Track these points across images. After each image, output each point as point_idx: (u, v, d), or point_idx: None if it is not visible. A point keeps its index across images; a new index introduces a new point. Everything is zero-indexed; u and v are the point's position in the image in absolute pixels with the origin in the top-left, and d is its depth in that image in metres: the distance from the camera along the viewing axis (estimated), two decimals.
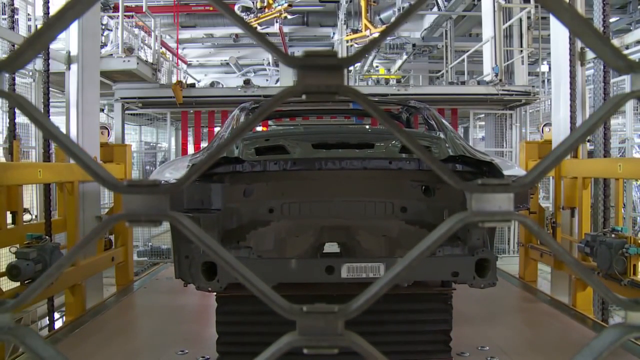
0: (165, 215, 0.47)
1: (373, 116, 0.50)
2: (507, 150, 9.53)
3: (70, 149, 0.53)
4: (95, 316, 4.45)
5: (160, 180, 0.50)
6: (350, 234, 3.12)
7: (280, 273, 2.60)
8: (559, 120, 5.98)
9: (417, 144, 0.52)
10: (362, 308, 0.46)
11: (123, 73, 8.35)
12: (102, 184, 0.49)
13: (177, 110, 9.47)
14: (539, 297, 5.06)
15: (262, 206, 3.00)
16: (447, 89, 9.80)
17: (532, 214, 5.82)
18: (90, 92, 5.87)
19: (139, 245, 9.35)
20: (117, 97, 8.87)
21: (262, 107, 0.45)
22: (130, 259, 6.28)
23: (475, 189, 0.48)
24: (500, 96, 8.90)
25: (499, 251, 9.20)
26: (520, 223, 0.52)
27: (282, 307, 0.46)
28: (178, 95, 8.64)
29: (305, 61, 0.45)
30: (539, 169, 0.55)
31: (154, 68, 9.07)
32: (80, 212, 5.21)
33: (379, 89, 10.01)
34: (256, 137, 2.89)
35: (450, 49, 12.65)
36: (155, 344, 3.70)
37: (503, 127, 9.59)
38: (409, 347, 3.05)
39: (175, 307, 4.70)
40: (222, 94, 9.65)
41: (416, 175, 2.95)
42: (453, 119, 9.83)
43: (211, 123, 9.76)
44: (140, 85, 8.93)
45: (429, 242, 0.47)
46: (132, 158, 6.89)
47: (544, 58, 12.63)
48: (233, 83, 12.35)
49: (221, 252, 0.48)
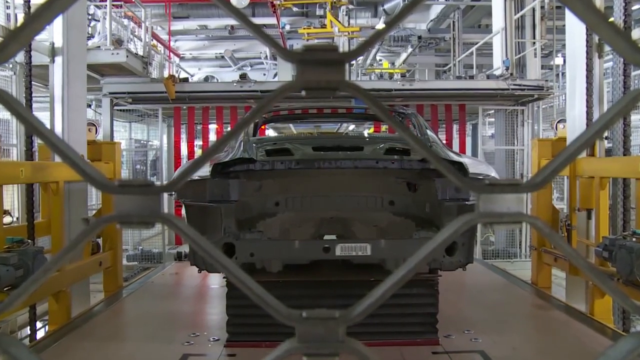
0: (158, 216, 0.48)
1: (375, 113, 0.50)
2: (519, 148, 9.54)
3: (57, 146, 0.53)
4: (81, 324, 4.47)
5: (152, 180, 0.50)
6: (346, 224, 3.77)
7: (286, 252, 3.30)
8: (574, 117, 5.95)
9: (422, 143, 0.53)
10: (365, 313, 0.46)
11: (111, 66, 8.35)
12: (92, 183, 0.50)
13: (169, 106, 9.47)
14: (553, 304, 5.06)
15: (270, 200, 3.71)
16: (455, 83, 9.82)
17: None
18: (77, 86, 5.86)
19: (128, 249, 9.37)
20: (105, 92, 8.89)
21: (259, 104, 0.46)
22: (119, 263, 6.29)
23: (482, 189, 0.49)
24: (511, 91, 8.91)
25: (510, 255, 9.21)
26: (531, 225, 0.52)
27: (280, 312, 0.47)
28: (170, 90, 8.66)
29: (304, 55, 0.45)
30: (551, 167, 0.55)
31: (144, 61, 9.08)
32: (66, 213, 5.20)
33: (383, 83, 10.03)
34: (266, 141, 3.85)
35: (458, 41, 12.67)
36: (152, 349, 3.74)
37: (514, 123, 9.60)
38: (399, 327, 3.72)
39: (170, 313, 4.73)
40: (216, 88, 9.67)
41: (400, 173, 3.68)
42: (461, 116, 9.85)
43: (205, 119, 9.78)
44: (130, 79, 8.95)
45: (434, 244, 0.48)
46: (121, 157, 6.91)
47: (559, 50, 12.63)
48: (228, 77, 12.36)
49: (217, 255, 0.48)
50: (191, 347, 3.81)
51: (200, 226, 3.38)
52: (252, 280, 0.48)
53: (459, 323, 4.25)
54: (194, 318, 4.73)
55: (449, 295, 5.25)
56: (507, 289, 5.71)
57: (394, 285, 0.45)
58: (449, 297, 5.16)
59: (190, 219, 3.41)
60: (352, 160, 3.47)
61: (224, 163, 3.35)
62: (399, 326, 3.72)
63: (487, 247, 9.72)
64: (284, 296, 3.32)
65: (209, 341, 3.91)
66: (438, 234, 0.47)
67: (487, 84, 9.21)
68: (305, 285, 3.72)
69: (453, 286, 5.87)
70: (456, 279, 6.60)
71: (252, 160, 3.38)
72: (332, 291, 3.66)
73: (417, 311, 3.74)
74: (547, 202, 6.28)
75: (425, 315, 3.76)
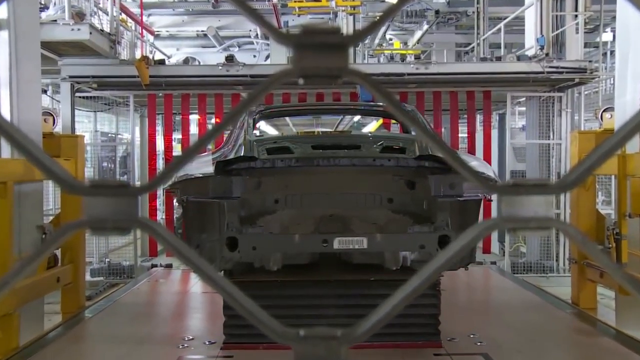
0: (136, 221, 0.50)
1: (385, 104, 0.52)
2: (555, 143, 9.53)
3: (14, 138, 0.55)
4: (32, 354, 4.43)
5: (128, 181, 0.52)
6: (345, 222, 4.33)
7: (287, 245, 3.97)
8: (625, 104, 5.88)
9: (444, 144, 0.55)
10: (372, 331, 0.48)
11: (72, 45, 8.33)
12: (59, 183, 0.51)
13: (142, 93, 9.49)
14: (600, 330, 5.01)
15: (270, 197, 4.30)
16: (479, 66, 9.82)
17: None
18: (28, 68, 5.73)
19: (93, 261, 9.38)
20: (65, 76, 8.89)
21: (250, 94, 0.48)
22: (82, 279, 6.30)
23: (506, 190, 0.51)
24: (546, 74, 8.92)
25: (544, 269, 9.22)
26: (561, 231, 0.54)
27: (275, 330, 0.48)
28: (143, 74, 8.68)
29: (302, 39, 0.47)
30: (586, 164, 0.56)
31: (111, 39, 9.08)
32: (16, 219, 5.12)
33: (393, 67, 10.04)
34: (267, 140, 4.80)
35: (483, 15, 12.66)
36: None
37: (549, 113, 9.59)
38: (400, 329, 4.14)
39: (142, 338, 4.75)
40: (198, 72, 9.69)
41: (397, 171, 4.24)
42: (485, 105, 9.86)
43: (185, 109, 9.80)
44: (95, 60, 8.96)
45: (450, 253, 0.50)
46: (84, 152, 6.92)
47: (607, 24, 12.59)
48: (212, 59, 12.36)
49: (201, 264, 0.50)
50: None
51: (201, 223, 4.09)
52: (241, 292, 0.50)
53: (487, 347, 4.30)
54: (172, 341, 4.73)
55: (473, 315, 5.26)
56: (542, 310, 5.71)
57: (404, 300, 0.47)
58: (473, 318, 5.17)
59: (191, 216, 4.10)
60: (350, 158, 4.06)
61: (226, 161, 3.96)
62: (399, 327, 4.13)
63: (517, 259, 9.74)
64: (282, 296, 3.94)
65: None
66: (454, 242, 0.49)
67: (517, 66, 9.22)
68: (304, 285, 4.40)
69: (477, 304, 5.88)
70: (481, 298, 6.63)
71: (254, 159, 3.96)
72: (331, 291, 4.36)
73: (418, 312, 4.22)
74: (590, 206, 6.26)
75: (426, 317, 4.30)
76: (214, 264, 4.00)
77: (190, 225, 4.15)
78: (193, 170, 3.92)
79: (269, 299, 4.18)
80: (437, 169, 3.99)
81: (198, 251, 4.00)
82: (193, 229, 4.14)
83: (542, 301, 6.01)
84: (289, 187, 4.31)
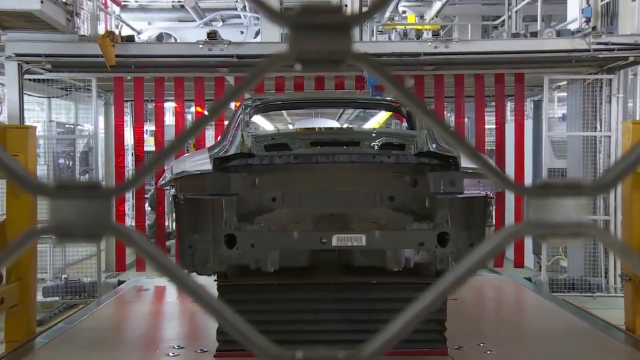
0: (108, 226, 0.52)
1: (394, 92, 0.55)
2: (604, 135, 9.51)
3: None
4: None
5: (100, 181, 0.55)
6: (344, 221, 4.80)
7: (285, 242, 4.44)
8: None
9: (465, 141, 0.57)
10: (381, 351, 0.50)
11: (19, 16, 8.26)
12: (20, 183, 0.53)
13: (107, 76, 9.49)
14: None
15: (267, 195, 4.81)
16: (510, 44, 9.81)
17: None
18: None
19: (46, 278, 9.38)
20: (10, 54, 8.87)
21: (242, 82, 0.50)
22: (32, 299, 6.26)
23: (533, 192, 0.53)
24: (593, 52, 8.87)
25: (590, 287, 9.22)
26: (597, 239, 0.56)
27: (268, 353, 0.51)
28: (108, 53, 8.68)
29: (300, 19, 0.49)
30: (626, 161, 0.58)
31: (68, 10, 9.05)
32: None
33: (407, 45, 9.96)
34: (265, 136, 5.44)
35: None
36: None
37: (595, 99, 9.57)
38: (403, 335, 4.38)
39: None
40: (175, 52, 9.69)
41: (397, 168, 4.71)
42: (518, 90, 9.83)
43: (159, 95, 9.80)
44: (48, 36, 8.94)
45: (470, 263, 0.52)
46: (36, 147, 6.92)
47: None
48: (191, 36, 12.32)
49: (183, 276, 0.52)
50: None
51: (196, 221, 4.62)
52: (229, 309, 0.52)
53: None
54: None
55: (506, 343, 5.28)
56: (587, 336, 5.68)
57: (417, 315, 0.49)
58: (506, 345, 5.20)
59: (186, 214, 4.58)
60: (349, 155, 4.58)
61: (224, 157, 4.44)
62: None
63: (557, 274, 9.75)
64: (280, 300, 4.36)
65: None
66: (475, 251, 0.51)
67: (557, 43, 9.20)
68: (303, 288, 4.79)
69: (508, 331, 5.90)
70: (515, 318, 6.63)
71: (252, 155, 4.45)
72: (331, 295, 4.77)
73: (423, 317, 4.50)
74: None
75: (432, 323, 4.60)
76: (208, 265, 4.55)
77: (185, 224, 4.64)
78: (189, 167, 4.43)
79: (265, 303, 4.69)
80: (436, 166, 4.49)
81: (191, 252, 4.55)
82: (183, 229, 4.62)
83: (589, 326, 5.96)
84: (287, 185, 4.82)
